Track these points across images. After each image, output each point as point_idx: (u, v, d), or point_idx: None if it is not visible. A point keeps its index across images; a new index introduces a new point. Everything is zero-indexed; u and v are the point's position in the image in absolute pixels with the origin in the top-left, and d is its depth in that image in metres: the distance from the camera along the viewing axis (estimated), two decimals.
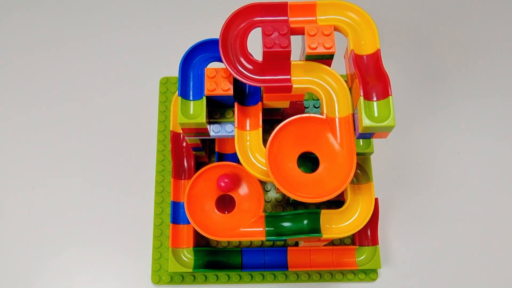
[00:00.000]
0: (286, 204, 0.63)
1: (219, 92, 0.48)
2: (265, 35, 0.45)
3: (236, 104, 0.50)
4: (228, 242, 0.61)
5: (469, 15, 0.73)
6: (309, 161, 0.48)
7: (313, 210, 0.51)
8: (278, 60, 0.47)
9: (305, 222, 0.51)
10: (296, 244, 0.61)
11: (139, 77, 0.69)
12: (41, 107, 0.68)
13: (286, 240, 0.61)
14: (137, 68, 0.70)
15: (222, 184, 0.51)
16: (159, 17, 0.73)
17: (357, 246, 0.59)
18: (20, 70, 0.70)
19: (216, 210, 0.52)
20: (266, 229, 0.51)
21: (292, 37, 0.46)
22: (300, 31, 0.47)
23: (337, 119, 0.46)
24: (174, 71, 0.69)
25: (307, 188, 0.45)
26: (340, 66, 0.52)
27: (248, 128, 0.50)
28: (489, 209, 0.64)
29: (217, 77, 0.49)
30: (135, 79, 0.69)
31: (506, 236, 0.63)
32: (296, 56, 0.51)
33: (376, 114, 0.44)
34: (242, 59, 0.46)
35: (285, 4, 0.47)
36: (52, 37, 0.72)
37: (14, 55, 0.71)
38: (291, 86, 0.47)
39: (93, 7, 0.73)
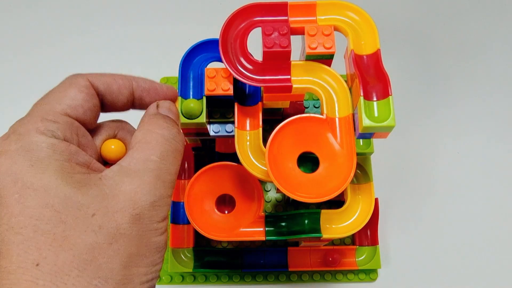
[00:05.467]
0: (286, 204, 0.63)
1: (219, 92, 0.48)
2: (265, 35, 0.45)
3: (236, 104, 0.50)
4: (228, 242, 0.61)
5: (469, 15, 0.73)
6: (309, 161, 0.48)
7: (313, 210, 0.51)
8: (278, 60, 0.46)
9: (305, 222, 0.51)
10: (296, 244, 0.61)
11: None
12: None
13: (286, 240, 0.61)
14: (137, 68, 0.70)
15: (330, 258, 0.58)
16: (159, 17, 0.73)
17: (357, 246, 0.60)
18: (20, 69, 0.70)
19: (216, 210, 0.52)
20: (266, 229, 0.51)
21: (292, 37, 0.46)
22: (300, 31, 0.47)
23: (337, 119, 0.46)
24: (174, 71, 0.69)
25: (307, 188, 0.45)
26: (340, 66, 0.52)
27: (248, 128, 0.49)
28: (490, 209, 0.64)
29: (217, 77, 0.49)
30: None
31: (506, 236, 0.63)
32: (296, 56, 0.51)
33: (376, 114, 0.43)
34: (242, 59, 0.46)
35: (285, 4, 0.47)
36: (51, 36, 0.72)
37: (14, 53, 0.71)
38: (291, 86, 0.47)
39: (92, 7, 0.73)
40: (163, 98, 0.38)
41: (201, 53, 0.50)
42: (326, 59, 0.47)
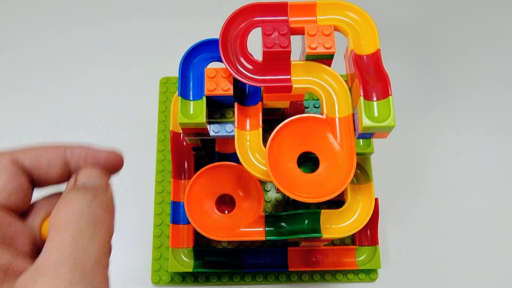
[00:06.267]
0: (286, 204, 0.63)
1: (219, 92, 0.48)
2: (265, 35, 0.45)
3: (236, 104, 0.50)
4: (228, 242, 0.61)
5: (469, 15, 0.73)
6: (309, 161, 0.48)
7: (313, 210, 0.51)
8: (278, 60, 0.47)
9: (305, 222, 0.51)
10: (296, 244, 0.61)
11: (139, 77, 0.69)
12: (41, 106, 0.68)
13: (286, 240, 0.61)
14: (137, 68, 0.70)
15: (314, 259, 0.58)
16: (159, 17, 0.73)
17: (357, 246, 0.60)
18: (20, 68, 0.70)
19: (216, 210, 0.52)
20: (266, 229, 0.51)
21: (292, 37, 0.46)
22: (300, 31, 0.47)
23: (337, 119, 0.46)
24: (174, 71, 0.69)
25: (307, 188, 0.45)
26: (340, 66, 0.52)
27: (248, 128, 0.50)
28: (490, 209, 0.64)
29: (217, 77, 0.49)
30: (135, 79, 0.69)
31: (506, 236, 0.63)
32: (296, 56, 0.51)
33: (376, 114, 0.44)
34: (242, 59, 0.46)
35: (285, 4, 0.47)
36: (52, 37, 0.72)
37: (13, 52, 0.71)
38: (291, 86, 0.47)
39: (92, 7, 0.73)
40: (103, 166, 0.32)
41: (201, 53, 0.50)
42: (326, 59, 0.47)
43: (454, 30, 0.72)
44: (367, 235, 0.59)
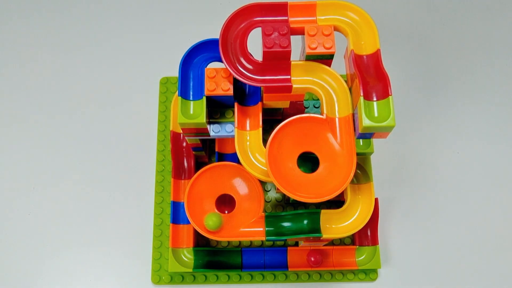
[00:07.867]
0: (286, 204, 0.63)
1: (219, 92, 0.48)
2: (265, 35, 0.45)
3: (236, 104, 0.50)
4: (228, 242, 0.61)
5: (469, 15, 0.73)
6: (309, 161, 0.48)
7: (313, 210, 0.51)
8: (278, 60, 0.47)
9: (305, 222, 0.51)
10: (296, 244, 0.61)
11: (139, 77, 0.69)
12: (41, 106, 0.68)
13: (286, 240, 0.61)
14: (137, 68, 0.70)
15: (312, 258, 0.57)
16: (159, 17, 0.73)
17: (357, 246, 0.60)
18: (20, 69, 0.70)
19: (216, 210, 0.52)
20: (266, 229, 0.51)
21: (292, 37, 0.46)
22: (300, 31, 0.47)
23: (337, 119, 0.46)
24: (174, 71, 0.69)
25: (307, 188, 0.45)
26: (340, 66, 0.52)
27: (248, 128, 0.50)
28: (489, 209, 0.64)
29: (217, 77, 0.49)
30: (135, 79, 0.69)
31: (506, 235, 0.63)
32: (296, 56, 0.51)
33: (376, 114, 0.44)
34: (242, 59, 0.46)
35: (285, 4, 0.47)
36: (52, 38, 0.72)
37: (15, 56, 0.71)
38: (291, 86, 0.47)
39: (93, 8, 0.73)
40: None
41: (201, 53, 0.50)
42: (326, 59, 0.47)
43: (454, 30, 0.72)
44: (367, 235, 0.59)
